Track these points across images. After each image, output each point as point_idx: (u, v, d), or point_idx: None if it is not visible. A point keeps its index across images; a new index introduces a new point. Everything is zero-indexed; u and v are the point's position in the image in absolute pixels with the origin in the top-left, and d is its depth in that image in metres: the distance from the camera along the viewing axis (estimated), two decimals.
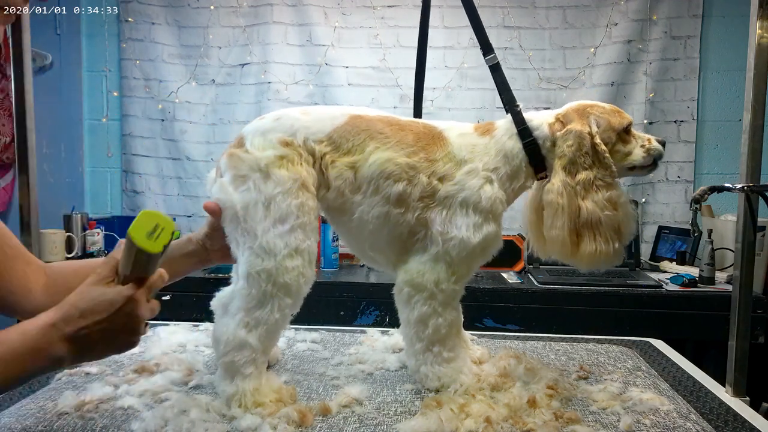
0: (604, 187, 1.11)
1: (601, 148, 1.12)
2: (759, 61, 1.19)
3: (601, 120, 1.15)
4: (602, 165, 1.12)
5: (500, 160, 1.14)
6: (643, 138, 1.19)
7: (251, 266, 1.04)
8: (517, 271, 2.70)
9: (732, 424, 1.05)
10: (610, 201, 1.11)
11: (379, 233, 1.13)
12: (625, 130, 1.16)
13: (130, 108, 3.25)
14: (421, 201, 1.11)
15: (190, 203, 3.26)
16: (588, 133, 1.12)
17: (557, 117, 1.17)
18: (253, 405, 1.02)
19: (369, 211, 1.11)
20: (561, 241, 1.11)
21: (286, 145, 1.08)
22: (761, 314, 2.27)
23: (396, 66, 3.11)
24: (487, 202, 1.11)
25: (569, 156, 1.11)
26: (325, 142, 1.11)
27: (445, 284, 1.11)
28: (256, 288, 1.04)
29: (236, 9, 3.15)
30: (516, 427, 0.98)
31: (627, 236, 1.13)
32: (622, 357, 1.39)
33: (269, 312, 1.04)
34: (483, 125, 1.19)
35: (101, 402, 1.07)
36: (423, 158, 1.11)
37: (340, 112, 1.15)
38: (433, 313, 1.11)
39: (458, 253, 1.10)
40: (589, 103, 1.18)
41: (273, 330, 1.07)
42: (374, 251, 1.17)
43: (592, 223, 1.10)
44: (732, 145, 3.02)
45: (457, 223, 1.10)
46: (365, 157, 1.10)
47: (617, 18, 3.01)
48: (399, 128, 1.14)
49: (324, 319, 2.37)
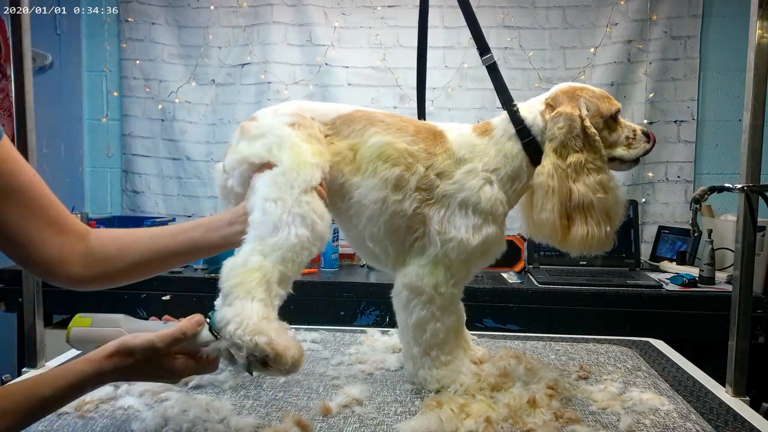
0: (594, 171, 1.11)
1: (591, 131, 1.12)
2: (759, 61, 1.19)
3: (590, 104, 1.14)
4: (592, 148, 1.12)
5: (500, 161, 1.14)
6: (630, 128, 1.18)
7: (268, 194, 1.00)
8: (517, 271, 2.70)
9: (732, 424, 1.05)
10: (600, 184, 1.10)
11: (377, 221, 1.12)
12: (612, 117, 1.16)
13: (130, 108, 3.25)
14: (419, 192, 1.10)
15: (190, 203, 3.26)
16: (578, 116, 1.12)
17: (546, 102, 1.16)
18: (254, 331, 0.86)
19: (367, 194, 1.10)
20: (551, 224, 1.10)
21: (296, 116, 1.11)
22: (761, 314, 2.27)
23: (396, 66, 3.11)
24: (486, 203, 1.10)
25: (560, 138, 1.11)
26: (329, 125, 1.14)
27: (443, 288, 1.10)
28: (270, 214, 0.98)
29: (236, 9, 3.15)
30: (516, 427, 0.98)
31: (617, 221, 1.12)
32: (622, 357, 1.39)
33: (285, 237, 0.97)
34: (481, 125, 1.19)
35: (101, 402, 1.07)
36: (422, 149, 1.12)
37: (346, 106, 1.19)
38: (432, 317, 1.11)
39: (457, 255, 1.09)
40: (579, 85, 1.18)
41: (289, 256, 0.97)
42: (373, 242, 1.15)
43: (584, 205, 1.09)
44: (732, 145, 3.01)
45: (456, 224, 1.10)
46: (365, 140, 1.11)
47: (617, 18, 3.01)
48: (400, 120, 1.16)
49: (324, 319, 2.37)
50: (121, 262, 1.00)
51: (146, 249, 1.02)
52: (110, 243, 1.01)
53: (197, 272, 2.58)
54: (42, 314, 1.40)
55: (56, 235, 0.96)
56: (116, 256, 1.00)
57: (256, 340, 0.86)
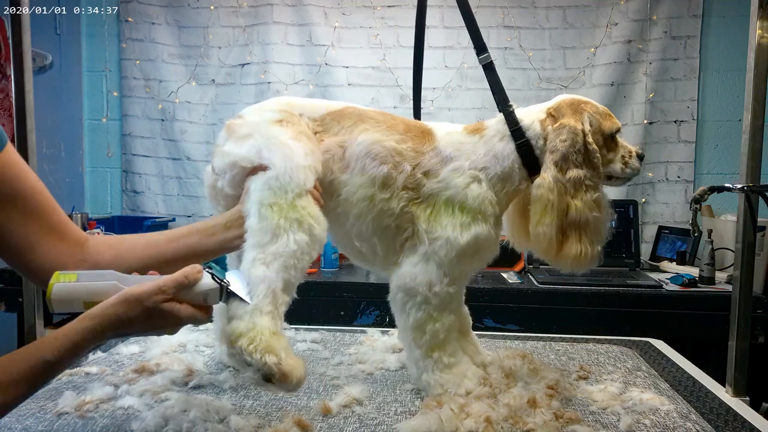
0: (591, 188, 1.10)
1: (593, 147, 1.11)
2: (759, 61, 1.19)
3: (593, 119, 1.13)
4: (591, 165, 1.11)
5: (489, 160, 1.12)
6: (626, 148, 1.18)
7: (263, 199, 1.00)
8: (517, 271, 2.70)
9: (732, 424, 1.05)
10: (596, 203, 1.09)
11: (364, 219, 1.11)
12: (611, 136, 1.15)
13: (130, 108, 3.25)
14: (405, 191, 1.10)
15: (190, 203, 3.26)
16: (581, 131, 1.11)
17: (548, 111, 1.15)
18: (265, 349, 0.90)
19: (355, 192, 1.10)
20: (548, 239, 1.08)
21: (283, 112, 1.11)
22: (761, 314, 2.27)
23: (396, 66, 3.11)
24: (474, 201, 1.09)
25: (562, 151, 1.09)
26: (318, 121, 1.14)
27: (438, 287, 1.09)
28: (267, 221, 0.99)
29: (236, 9, 3.15)
30: (516, 427, 0.98)
31: (604, 239, 1.12)
32: (622, 357, 1.39)
33: (285, 244, 0.98)
34: (473, 125, 1.18)
35: (101, 402, 1.07)
36: (410, 148, 1.11)
37: (336, 102, 1.18)
38: (429, 318, 1.09)
39: (446, 253, 1.08)
40: (583, 99, 1.17)
41: (291, 263, 0.98)
42: (360, 240, 1.14)
43: (579, 223, 1.08)
44: (732, 145, 3.01)
45: (442, 222, 1.08)
46: (354, 137, 1.11)
47: (617, 18, 3.01)
48: (391, 118, 1.15)
49: (324, 319, 2.37)
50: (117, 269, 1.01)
51: (142, 256, 1.03)
52: (106, 250, 1.03)
53: None
54: (42, 314, 1.40)
55: (57, 242, 0.97)
56: (112, 263, 1.01)
57: (266, 360, 0.90)
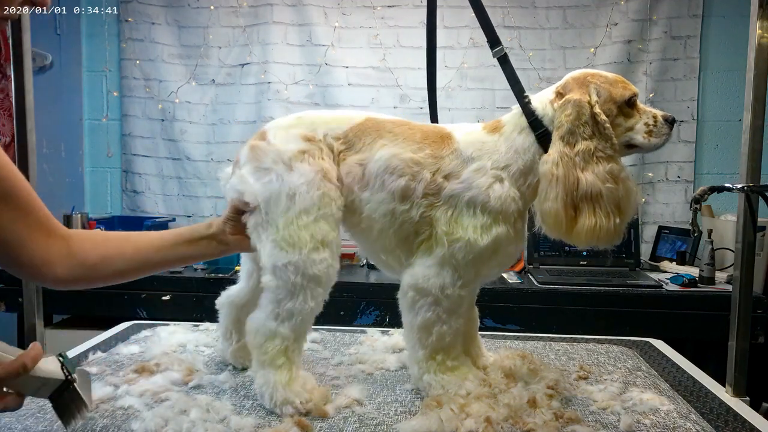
0: (604, 159, 1.05)
1: (602, 117, 1.06)
2: (759, 61, 1.19)
3: (601, 90, 1.09)
4: (603, 136, 1.06)
5: (511, 157, 1.10)
6: (649, 114, 1.11)
7: (276, 259, 1.05)
8: (517, 271, 2.70)
9: (732, 424, 1.05)
10: (611, 174, 1.04)
11: (386, 233, 1.12)
12: (627, 102, 1.09)
13: (130, 108, 3.25)
14: (425, 198, 1.09)
15: (190, 203, 3.26)
16: (587, 102, 1.07)
17: (557, 90, 1.13)
18: (283, 402, 1.03)
19: (376, 209, 1.10)
20: (554, 213, 1.04)
21: (307, 140, 1.10)
22: (761, 314, 2.27)
23: (396, 66, 3.10)
24: (496, 201, 1.07)
25: (567, 126, 1.06)
26: (341, 139, 1.13)
27: (450, 290, 1.08)
28: (284, 280, 1.05)
29: (236, 9, 3.15)
30: (516, 427, 0.98)
31: (628, 213, 1.06)
32: (622, 357, 1.39)
33: (302, 302, 1.05)
34: (491, 123, 1.16)
35: (101, 402, 1.07)
36: (429, 155, 1.10)
37: (357, 114, 1.17)
38: (437, 319, 1.09)
39: (464, 256, 1.07)
40: (592, 71, 1.13)
41: (308, 318, 1.08)
42: (386, 254, 1.16)
43: (592, 195, 1.03)
44: (732, 145, 3.01)
45: (463, 224, 1.07)
46: (373, 155, 1.11)
47: (617, 18, 3.01)
48: (408, 128, 1.14)
49: (324, 319, 2.35)
50: (104, 269, 1.03)
51: (129, 259, 1.06)
52: (92, 250, 1.03)
53: (197, 272, 2.58)
54: (42, 314, 1.40)
55: (45, 238, 0.98)
56: (98, 263, 1.02)
57: (284, 411, 1.03)
